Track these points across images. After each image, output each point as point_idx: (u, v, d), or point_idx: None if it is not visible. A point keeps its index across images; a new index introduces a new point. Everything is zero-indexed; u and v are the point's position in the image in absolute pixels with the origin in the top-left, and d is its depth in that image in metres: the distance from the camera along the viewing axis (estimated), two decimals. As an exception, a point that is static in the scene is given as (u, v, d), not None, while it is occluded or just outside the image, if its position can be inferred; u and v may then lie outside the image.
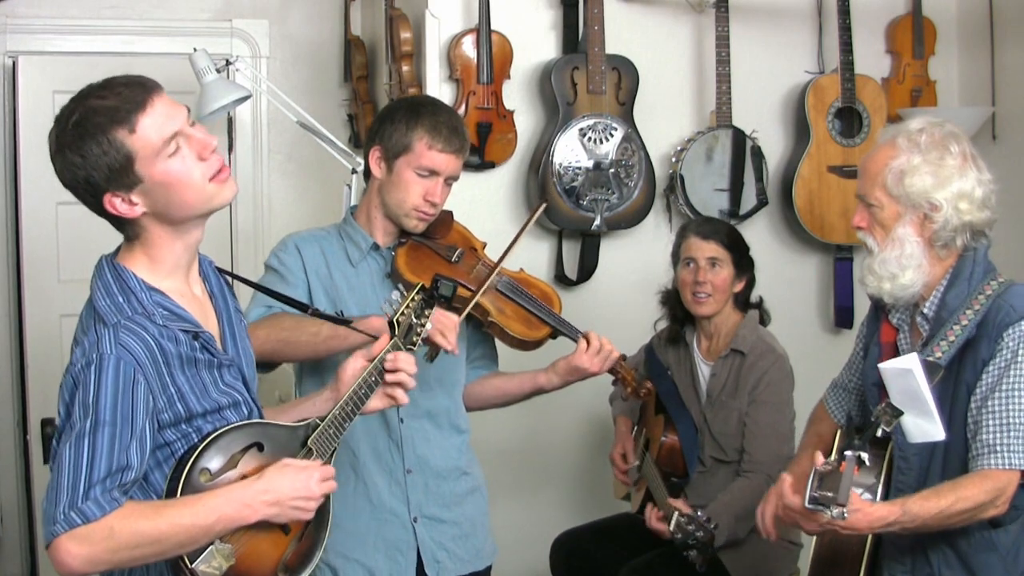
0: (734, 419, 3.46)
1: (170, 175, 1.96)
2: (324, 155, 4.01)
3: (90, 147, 1.91)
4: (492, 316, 2.87)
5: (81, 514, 1.82)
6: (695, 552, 3.13)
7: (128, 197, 1.96)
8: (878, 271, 2.50)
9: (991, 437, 2.35)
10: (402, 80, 4.12)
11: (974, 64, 4.52)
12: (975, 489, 2.32)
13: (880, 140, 2.58)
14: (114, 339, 1.91)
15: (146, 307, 1.98)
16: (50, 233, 4.65)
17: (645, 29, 4.27)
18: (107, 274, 2.02)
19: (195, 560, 1.92)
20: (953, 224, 2.45)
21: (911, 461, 2.49)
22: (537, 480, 4.36)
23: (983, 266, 2.50)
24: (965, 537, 2.44)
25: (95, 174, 1.92)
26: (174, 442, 2.01)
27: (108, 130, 1.91)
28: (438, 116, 2.79)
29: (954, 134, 2.50)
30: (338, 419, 2.20)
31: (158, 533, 1.87)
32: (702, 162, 4.23)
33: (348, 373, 2.27)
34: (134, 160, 1.93)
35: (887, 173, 2.47)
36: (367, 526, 2.80)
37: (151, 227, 2.01)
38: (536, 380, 2.97)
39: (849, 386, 2.82)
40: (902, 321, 2.59)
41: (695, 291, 3.50)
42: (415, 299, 2.36)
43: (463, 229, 2.99)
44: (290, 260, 2.81)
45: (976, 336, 2.41)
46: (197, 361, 2.02)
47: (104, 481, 1.85)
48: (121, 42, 4.74)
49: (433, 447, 2.87)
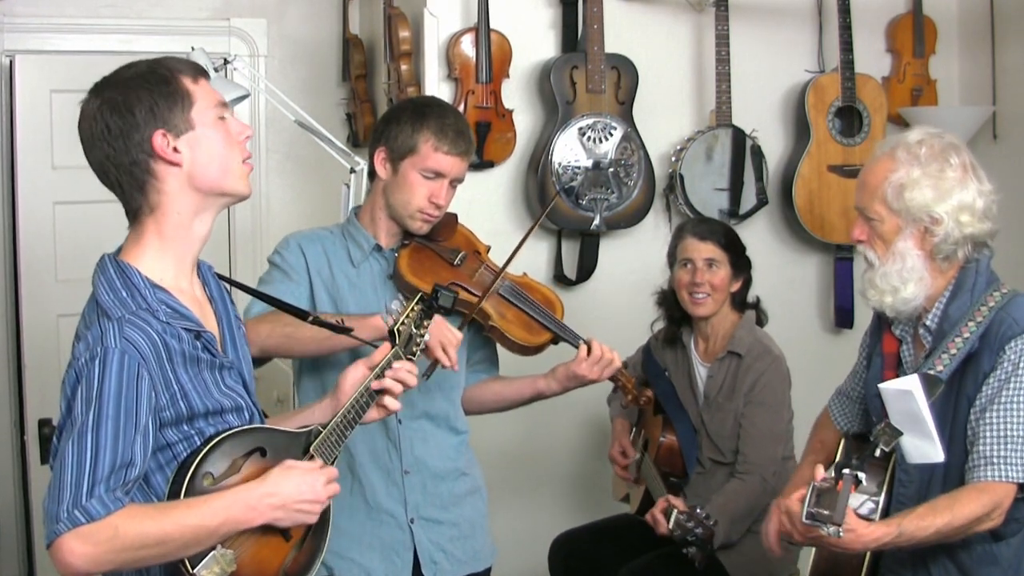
0: (731, 421, 3.45)
1: (217, 134, 2.03)
2: (322, 154, 3.99)
3: (157, 82, 1.99)
4: (493, 320, 2.86)
5: (85, 512, 1.80)
6: (694, 549, 3.11)
7: (175, 144, 1.99)
8: (880, 285, 2.48)
9: (988, 449, 2.33)
10: (400, 79, 4.11)
11: (975, 63, 4.52)
12: (972, 504, 2.31)
13: (878, 152, 2.55)
14: (118, 333, 1.90)
15: (150, 303, 1.97)
16: (47, 233, 4.64)
17: (645, 28, 4.27)
18: (110, 270, 2.01)
19: (196, 565, 1.90)
20: (954, 237, 2.43)
21: (912, 474, 2.48)
22: (535, 481, 4.35)
23: (985, 277, 2.48)
24: (966, 550, 2.43)
25: (158, 105, 1.97)
26: (176, 443, 1.99)
27: (175, 74, 2.01)
28: (444, 118, 2.79)
29: (954, 145, 2.48)
30: (340, 427, 2.20)
31: (163, 534, 1.85)
32: (702, 161, 4.23)
33: (349, 382, 2.27)
34: (193, 103, 2.00)
35: (886, 187, 2.45)
36: (363, 526, 2.80)
37: (174, 196, 2.02)
38: (536, 385, 2.96)
39: (853, 395, 2.81)
40: (905, 333, 2.57)
41: (692, 292, 3.49)
42: (415, 309, 2.36)
43: (467, 232, 2.98)
44: (292, 258, 2.81)
45: (978, 349, 2.39)
46: (199, 360, 2.01)
47: (108, 479, 1.82)
48: (119, 41, 4.72)
49: (431, 448, 2.86)
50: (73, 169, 4.56)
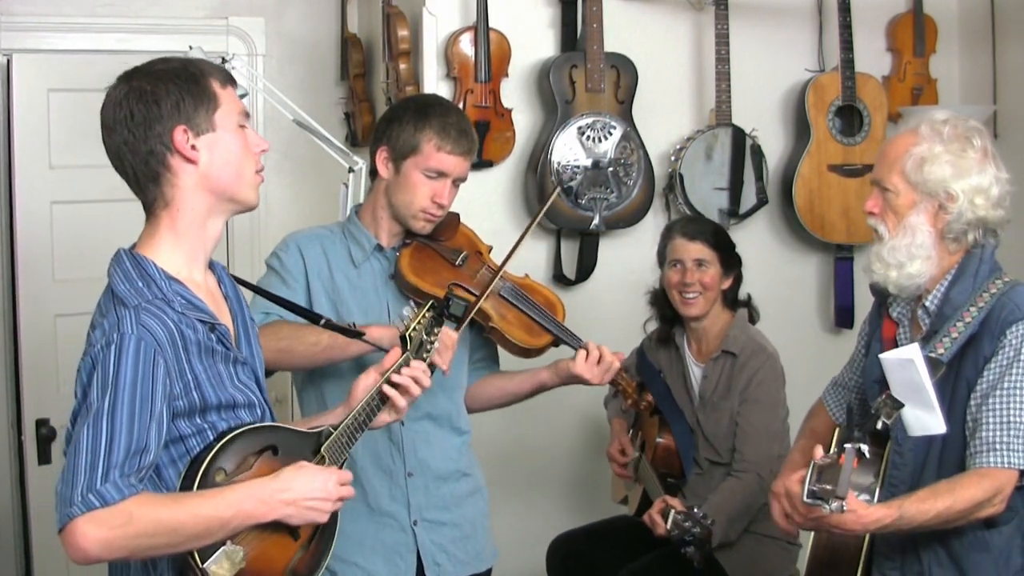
0: (726, 420, 3.45)
1: (236, 140, 2.07)
2: (321, 154, 3.98)
3: (187, 79, 2.02)
4: (494, 322, 2.86)
5: (100, 496, 1.80)
6: (692, 548, 3.11)
7: (195, 142, 2.02)
8: (886, 258, 2.49)
9: (991, 435, 2.35)
10: (399, 78, 4.10)
11: (975, 62, 4.52)
12: (973, 488, 2.32)
13: (902, 127, 2.58)
14: (135, 320, 1.92)
15: (165, 294, 1.99)
16: (44, 232, 4.60)
17: (644, 27, 4.27)
18: (126, 262, 2.04)
19: (206, 560, 1.91)
20: (967, 218, 2.45)
21: (906, 456, 2.49)
22: (533, 483, 4.35)
23: (989, 264, 2.50)
24: (958, 536, 2.43)
25: (184, 101, 2.01)
26: (189, 437, 2.00)
27: (206, 75, 2.05)
28: (447, 117, 2.79)
29: (977, 129, 2.51)
30: (350, 429, 2.23)
31: (177, 522, 1.86)
32: (701, 161, 4.22)
33: (360, 387, 2.32)
34: (218, 106, 2.04)
35: (907, 159, 2.47)
36: (365, 530, 2.80)
37: (188, 193, 2.05)
38: (538, 377, 2.96)
39: (849, 384, 2.81)
40: (902, 315, 2.58)
41: (683, 292, 3.50)
42: (426, 316, 2.39)
43: (469, 232, 2.98)
44: (291, 261, 2.80)
45: (979, 333, 2.41)
46: (214, 352, 2.04)
47: (123, 464, 1.83)
48: (116, 40, 4.68)
49: (434, 449, 2.87)
50: (71, 169, 4.55)
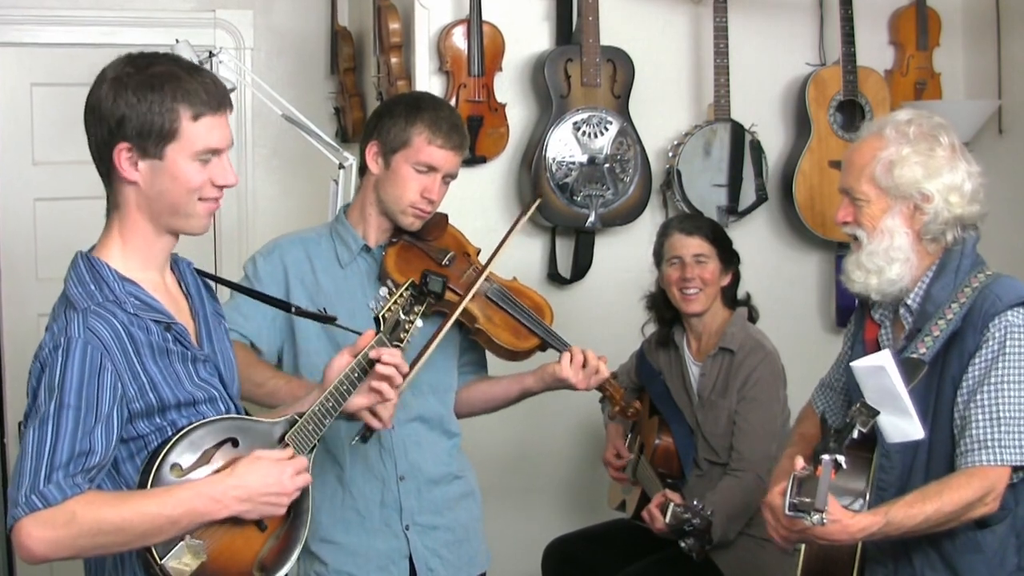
0: (724, 419, 3.44)
1: (183, 175, 2.02)
2: (310, 150, 3.97)
3: (151, 100, 1.97)
4: (479, 323, 2.84)
5: (42, 497, 1.85)
6: (692, 540, 3.09)
7: (137, 161, 2.00)
8: (865, 264, 2.46)
9: (981, 432, 2.31)
10: (390, 72, 4.09)
11: (980, 56, 4.51)
12: (964, 489, 2.29)
13: (865, 132, 2.55)
14: (83, 323, 1.94)
15: (117, 295, 2.01)
16: (28, 230, 4.66)
17: (641, 20, 4.25)
18: (80, 265, 2.05)
19: (164, 556, 1.92)
20: (943, 217, 2.43)
21: (893, 459, 2.46)
22: (529, 487, 4.34)
23: (971, 259, 2.47)
24: (950, 538, 2.40)
25: (133, 121, 1.97)
26: (148, 435, 2.02)
27: (177, 101, 1.98)
28: (439, 112, 2.80)
29: (943, 125, 2.49)
30: (318, 414, 2.21)
31: (121, 521, 1.88)
32: (700, 157, 4.19)
33: (333, 370, 2.29)
34: (172, 140, 1.99)
35: (875, 164, 2.45)
36: (358, 538, 2.80)
37: (132, 202, 2.04)
38: (523, 382, 2.93)
39: (836, 385, 2.79)
40: (884, 316, 2.56)
41: (684, 288, 3.49)
42: (403, 295, 2.39)
43: (457, 233, 2.96)
44: (266, 270, 2.81)
45: (961, 328, 2.38)
46: (170, 352, 2.05)
47: (67, 465, 1.87)
48: (101, 33, 4.69)
49: (425, 452, 2.86)
50: (54, 165, 4.56)
